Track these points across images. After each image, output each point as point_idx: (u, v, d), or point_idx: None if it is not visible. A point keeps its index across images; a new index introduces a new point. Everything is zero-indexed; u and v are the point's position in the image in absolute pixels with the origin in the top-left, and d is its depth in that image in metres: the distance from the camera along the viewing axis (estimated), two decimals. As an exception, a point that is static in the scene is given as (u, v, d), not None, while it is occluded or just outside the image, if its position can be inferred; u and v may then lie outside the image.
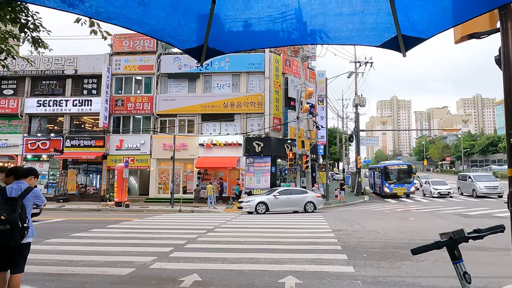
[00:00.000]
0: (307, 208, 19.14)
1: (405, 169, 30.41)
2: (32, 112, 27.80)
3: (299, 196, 19.45)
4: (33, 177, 4.45)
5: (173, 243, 9.20)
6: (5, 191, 4.13)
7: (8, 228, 3.95)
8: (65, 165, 27.36)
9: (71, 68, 27.81)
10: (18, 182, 4.30)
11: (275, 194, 19.38)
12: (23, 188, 4.25)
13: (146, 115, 27.49)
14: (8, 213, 3.99)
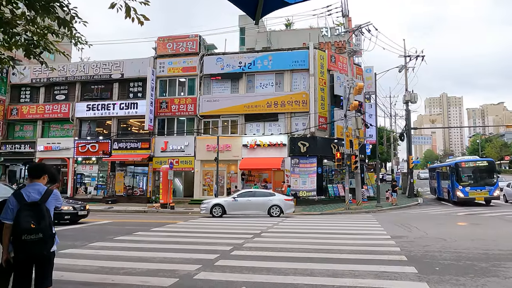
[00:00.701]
0: (272, 212, 17.70)
1: (485, 166, 23.66)
2: (82, 116, 28.68)
3: (262, 199, 18.01)
4: (46, 176, 3.93)
5: (219, 249, 8.60)
6: (22, 195, 3.65)
7: (40, 237, 3.51)
8: (113, 167, 27.95)
9: (118, 72, 28.41)
10: (33, 184, 3.81)
11: (235, 196, 18.38)
12: (42, 190, 3.75)
13: (189, 116, 27.46)
14: (37, 220, 3.53)
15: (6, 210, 3.57)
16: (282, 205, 17.93)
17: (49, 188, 3.80)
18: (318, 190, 24.80)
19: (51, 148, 28.54)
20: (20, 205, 3.54)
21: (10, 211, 3.55)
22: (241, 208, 18.01)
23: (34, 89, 29.98)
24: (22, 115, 29.45)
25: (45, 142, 28.76)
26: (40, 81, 29.52)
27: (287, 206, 18.07)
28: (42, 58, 6.69)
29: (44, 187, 3.79)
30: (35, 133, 29.45)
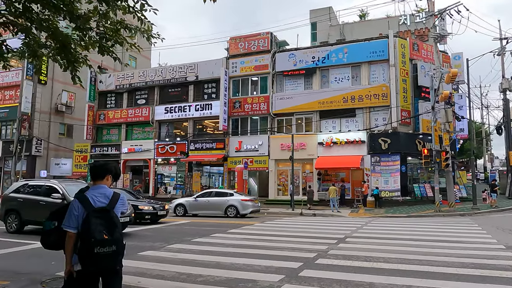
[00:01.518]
0: (228, 213, 17.67)
1: None
2: (161, 119, 29.83)
3: (220, 199, 17.86)
4: (110, 177, 3.44)
5: (301, 256, 7.81)
6: (88, 200, 3.17)
7: (114, 249, 3.05)
8: (190, 167, 28.63)
9: (193, 75, 29.05)
10: (98, 187, 3.34)
11: (196, 196, 18.51)
12: (109, 194, 3.28)
13: (263, 115, 27.08)
14: (109, 230, 3.07)
15: (70, 216, 3.13)
16: (239, 205, 17.64)
17: (116, 193, 3.34)
18: (402, 190, 22.82)
19: (134, 150, 30.11)
20: (87, 211, 3.08)
21: (74, 218, 3.10)
22: (200, 208, 18.26)
23: (118, 95, 31.92)
24: (109, 119, 31.51)
25: (128, 145, 30.42)
26: (123, 87, 31.34)
27: (244, 207, 17.74)
28: (115, 54, 6.47)
29: (111, 191, 3.33)
30: (120, 136, 31.32)
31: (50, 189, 10.79)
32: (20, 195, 11.24)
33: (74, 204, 3.14)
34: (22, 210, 10.96)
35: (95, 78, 31.94)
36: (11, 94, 33.45)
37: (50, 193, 10.67)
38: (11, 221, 11.16)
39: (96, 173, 3.38)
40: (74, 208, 3.13)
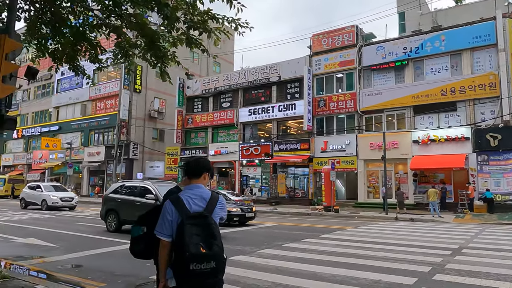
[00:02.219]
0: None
1: None
2: (245, 121, 30.03)
3: None
4: (207, 175, 2.84)
5: (413, 269, 6.72)
6: (183, 203, 2.62)
7: (213, 266, 2.45)
8: (274, 169, 28.32)
9: (275, 75, 28.75)
10: (193, 187, 2.77)
11: None
12: (206, 196, 2.70)
13: (349, 113, 25.67)
14: (207, 241, 2.47)
15: (163, 222, 2.62)
16: None
17: (214, 194, 2.78)
18: (518, 193, 19.72)
19: (220, 152, 30.76)
20: (182, 217, 2.54)
21: (168, 224, 2.59)
22: None
23: (205, 99, 32.96)
24: (196, 123, 32.69)
25: (215, 147, 31.18)
26: (208, 92, 32.27)
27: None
28: (203, 46, 6.13)
29: (208, 192, 2.76)
30: (206, 139, 32.29)
31: (144, 190, 11.09)
32: (118, 196, 11.77)
33: (167, 207, 2.63)
34: (120, 210, 11.43)
35: (183, 84, 33.41)
36: (111, 103, 36.58)
37: (144, 193, 10.95)
38: (110, 220, 11.72)
39: (192, 170, 2.82)
40: (168, 212, 2.61)
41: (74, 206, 22.59)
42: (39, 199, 22.10)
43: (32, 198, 22.81)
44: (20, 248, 9.00)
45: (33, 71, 5.81)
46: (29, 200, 22.93)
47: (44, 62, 41.55)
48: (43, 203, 21.74)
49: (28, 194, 23.25)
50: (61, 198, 21.88)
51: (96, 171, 37.71)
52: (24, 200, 23.25)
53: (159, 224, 2.63)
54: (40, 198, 22.06)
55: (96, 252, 8.45)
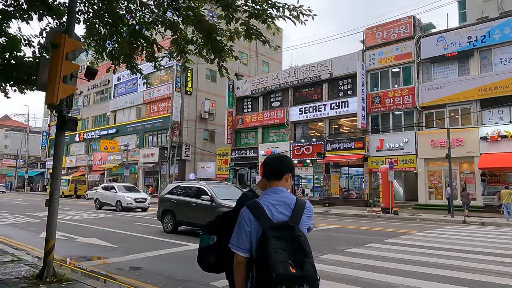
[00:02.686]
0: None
1: None
2: (296, 120, 29.46)
3: None
4: (290, 176, 2.33)
5: (492, 281, 5.87)
6: (263, 210, 2.14)
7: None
8: (327, 168, 27.47)
9: (326, 72, 27.89)
10: (275, 190, 2.27)
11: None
12: (291, 202, 2.20)
13: (407, 109, 24.22)
14: (297, 258, 1.98)
15: (239, 233, 2.16)
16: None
17: (299, 199, 2.30)
18: None
19: (271, 152, 30.37)
20: (264, 227, 2.07)
21: (245, 236, 2.13)
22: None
23: (254, 99, 32.80)
24: (246, 123, 32.61)
25: (265, 147, 30.89)
26: (258, 91, 32.07)
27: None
28: (263, 36, 5.73)
29: (293, 197, 2.26)
30: (256, 139, 32.10)
31: (200, 190, 10.95)
32: (173, 196, 11.75)
33: (245, 215, 2.17)
34: (176, 211, 11.39)
35: (232, 85, 33.51)
36: (164, 106, 37.59)
37: (199, 194, 10.82)
38: (167, 221, 11.73)
39: (272, 170, 2.32)
40: (245, 221, 2.15)
41: (147, 208, 22.20)
42: (114, 200, 21.93)
43: (106, 199, 22.69)
44: (82, 248, 9.17)
45: (92, 71, 5.74)
46: (104, 201, 22.80)
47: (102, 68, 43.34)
48: (117, 204, 21.57)
49: (103, 194, 23.15)
50: (135, 199, 21.62)
51: (151, 172, 38.95)
52: (99, 201, 23.14)
53: (234, 235, 2.20)
54: (115, 199, 21.86)
55: (155, 254, 8.37)
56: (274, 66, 44.49)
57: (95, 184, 43.15)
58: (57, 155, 5.60)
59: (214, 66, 14.05)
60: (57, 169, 5.56)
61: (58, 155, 5.61)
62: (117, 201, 21.63)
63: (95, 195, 23.91)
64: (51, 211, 5.38)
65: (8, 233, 11.40)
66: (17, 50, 7.22)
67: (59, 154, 5.60)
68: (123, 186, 24.06)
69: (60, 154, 5.64)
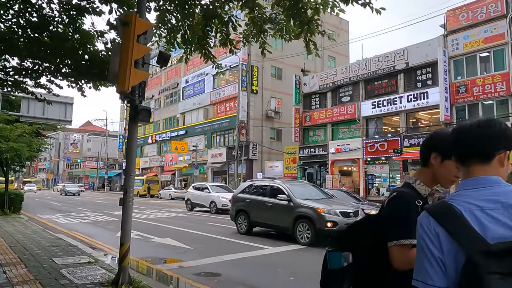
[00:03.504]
0: None
1: None
2: (368, 115, 27.65)
3: None
4: (505, 155, 1.30)
5: None
6: (464, 220, 1.18)
7: None
8: (405, 166, 25.31)
9: (402, 62, 25.74)
10: (481, 181, 1.25)
11: None
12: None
13: (500, 98, 21.39)
14: None
15: (423, 260, 1.23)
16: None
17: None
18: None
19: (341, 149, 28.90)
20: (470, 252, 1.11)
21: (436, 265, 1.20)
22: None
23: (322, 95, 31.49)
24: (314, 120, 31.41)
25: (335, 145, 29.45)
26: (326, 87, 30.71)
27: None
28: (324, 31, 4.75)
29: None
30: (326, 136, 30.76)
31: (275, 189, 10.21)
32: (247, 196, 11.13)
33: (427, 229, 1.24)
34: (250, 211, 10.76)
35: (299, 81, 32.52)
36: (230, 106, 37.73)
37: (275, 194, 10.08)
38: (240, 222, 11.14)
39: (475, 144, 1.30)
40: (429, 238, 1.22)
41: None
42: (207, 201, 20.26)
43: (199, 200, 21.18)
44: (158, 249, 8.86)
45: (165, 56, 5.20)
46: (196, 202, 21.39)
47: (170, 73, 44.85)
48: (211, 205, 19.83)
49: (194, 195, 21.67)
50: (230, 200, 20.08)
51: (219, 172, 39.34)
52: (190, 201, 21.78)
53: (418, 265, 1.24)
54: (208, 200, 20.17)
55: (232, 258, 7.76)
56: (341, 61, 42.61)
57: (167, 184, 44.77)
58: (130, 149, 5.14)
59: (279, 63, 13.10)
60: (130, 165, 5.10)
61: (131, 149, 5.15)
62: (211, 202, 19.86)
63: (186, 195, 22.60)
64: (125, 211, 4.91)
65: (89, 232, 11.60)
66: (91, 44, 6.98)
67: (132, 148, 5.14)
68: (216, 185, 22.32)
69: (133, 148, 5.18)
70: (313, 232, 8.85)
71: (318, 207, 8.94)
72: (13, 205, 15.29)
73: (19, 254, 6.84)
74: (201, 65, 42.69)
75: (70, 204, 26.02)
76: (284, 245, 9.21)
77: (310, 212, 8.93)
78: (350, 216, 9.10)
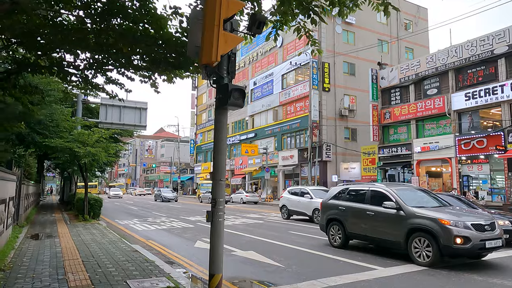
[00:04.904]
0: None
1: None
2: (460, 108, 24.33)
3: None
4: None
5: None
6: None
7: None
8: (510, 165, 21.71)
9: (502, 45, 22.19)
10: None
11: None
12: None
13: None
14: None
15: None
16: None
17: None
18: None
19: (429, 148, 25.83)
20: None
21: None
22: None
23: (403, 89, 28.59)
24: (395, 117, 28.62)
25: (421, 143, 26.44)
26: (408, 79, 27.79)
27: None
28: None
29: None
30: (409, 134, 27.82)
31: (378, 195, 8.43)
32: (341, 202, 9.44)
33: None
34: (346, 221, 9.07)
35: (376, 76, 29.96)
36: (301, 106, 36.10)
37: (378, 200, 8.30)
38: (333, 233, 9.49)
39: None
40: None
41: None
42: (309, 208, 16.70)
43: (298, 207, 17.86)
44: (243, 266, 7.57)
45: (259, 19, 3.81)
46: (294, 209, 18.16)
47: (238, 76, 44.04)
48: (314, 214, 16.25)
49: (292, 201, 18.40)
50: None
51: (291, 175, 37.84)
52: (287, 208, 18.63)
53: None
54: (311, 207, 16.57)
55: (339, 281, 6.17)
56: (420, 52, 38.82)
57: (237, 187, 44.32)
58: (218, 147, 3.86)
59: (352, 58, 10.99)
60: (219, 168, 3.82)
61: (219, 147, 3.86)
62: (315, 209, 16.12)
63: (281, 201, 19.60)
64: (215, 229, 3.63)
65: (165, 241, 10.78)
66: (164, 26, 5.89)
67: (220, 144, 3.85)
68: (317, 189, 18.56)
69: (222, 144, 3.88)
70: (436, 249, 6.95)
71: (441, 218, 7.01)
72: (92, 211, 15.21)
73: (91, 273, 5.96)
74: (269, 65, 41.75)
75: (146, 209, 26.26)
76: (395, 264, 7.41)
77: (430, 224, 7.03)
78: (486, 230, 7.03)
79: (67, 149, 13.27)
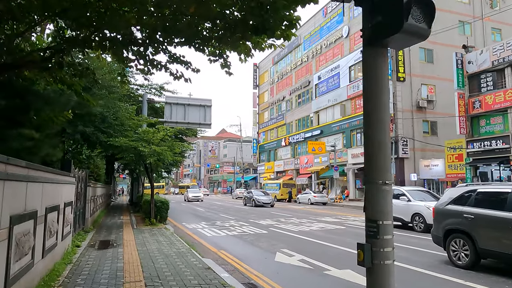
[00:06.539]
0: None
1: None
2: None
3: None
4: None
5: None
6: None
7: None
8: None
9: None
10: None
11: None
12: None
13: None
14: None
15: None
16: None
17: None
18: None
19: (534, 140, 21.92)
20: None
21: None
22: None
23: (497, 73, 24.74)
24: (487, 106, 24.88)
25: (522, 134, 22.58)
26: (503, 61, 23.96)
27: None
28: None
29: None
30: (505, 124, 23.97)
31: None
32: (466, 208, 7.21)
33: None
34: (476, 233, 6.86)
35: (461, 60, 26.34)
36: (372, 98, 33.19)
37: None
38: (457, 248, 7.30)
39: None
40: None
41: None
42: (407, 213, 14.12)
43: (394, 211, 14.80)
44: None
45: None
46: None
47: (301, 71, 41.75)
48: (414, 220, 13.88)
49: None
50: None
51: (362, 174, 35.04)
52: None
53: None
54: (409, 212, 14.06)
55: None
56: (509, 33, 33.95)
57: (303, 187, 42.32)
58: (376, 117, 2.16)
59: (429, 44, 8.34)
60: (378, 159, 2.12)
61: (378, 114, 2.16)
62: (415, 214, 13.84)
63: None
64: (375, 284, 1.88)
65: (239, 252, 9.32)
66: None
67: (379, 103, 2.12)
68: (416, 190, 15.77)
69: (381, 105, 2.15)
70: None
71: None
72: (159, 214, 14.31)
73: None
74: (334, 58, 39.25)
75: (213, 210, 25.38)
76: None
77: None
78: None
79: (131, 149, 12.44)
